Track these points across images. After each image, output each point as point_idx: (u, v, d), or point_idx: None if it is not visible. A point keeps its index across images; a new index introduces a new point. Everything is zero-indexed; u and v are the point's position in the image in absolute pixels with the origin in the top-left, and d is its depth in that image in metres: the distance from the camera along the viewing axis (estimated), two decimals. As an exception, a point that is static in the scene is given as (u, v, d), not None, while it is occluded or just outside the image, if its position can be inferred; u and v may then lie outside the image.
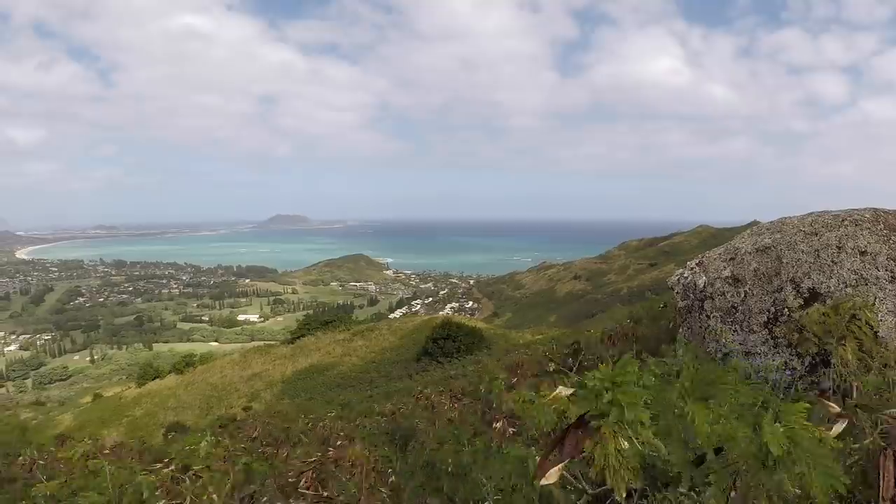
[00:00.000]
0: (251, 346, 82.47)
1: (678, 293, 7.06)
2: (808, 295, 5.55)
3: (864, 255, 5.44)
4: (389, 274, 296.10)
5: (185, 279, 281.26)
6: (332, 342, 50.81)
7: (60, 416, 53.98)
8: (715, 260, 6.66)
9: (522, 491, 2.25)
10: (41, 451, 8.61)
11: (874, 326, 4.39)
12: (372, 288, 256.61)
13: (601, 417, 1.76)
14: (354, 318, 67.85)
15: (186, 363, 56.49)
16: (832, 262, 5.53)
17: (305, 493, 4.37)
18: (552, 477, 1.83)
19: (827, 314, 4.64)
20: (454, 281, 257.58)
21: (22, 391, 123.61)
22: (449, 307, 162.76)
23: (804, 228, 5.95)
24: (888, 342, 5.01)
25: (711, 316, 6.41)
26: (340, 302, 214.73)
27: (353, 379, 38.40)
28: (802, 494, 1.69)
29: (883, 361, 4.34)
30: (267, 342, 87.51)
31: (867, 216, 5.81)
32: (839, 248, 5.56)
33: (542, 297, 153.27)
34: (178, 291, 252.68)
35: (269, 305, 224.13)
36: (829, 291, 5.42)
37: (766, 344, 5.76)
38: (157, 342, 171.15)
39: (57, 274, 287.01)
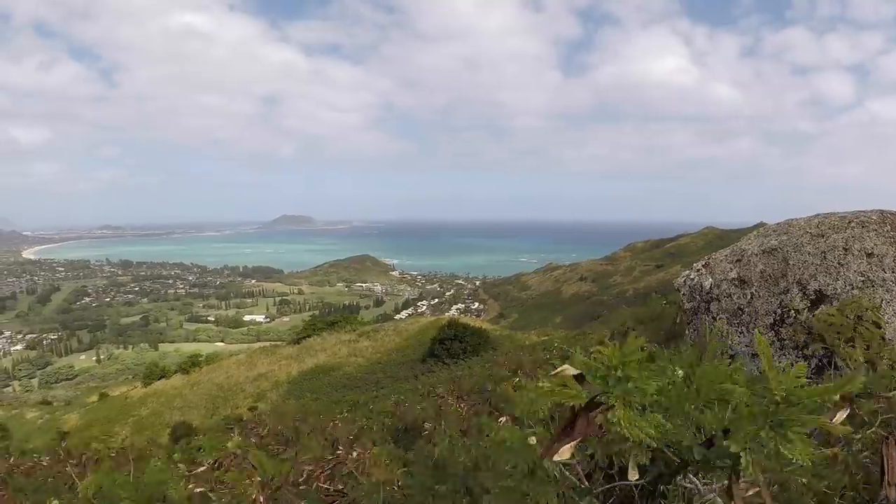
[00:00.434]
0: (257, 346, 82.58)
1: (684, 295, 7.07)
2: (814, 297, 5.55)
3: (870, 256, 5.45)
4: (395, 275, 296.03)
5: (191, 279, 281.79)
6: (337, 343, 50.84)
7: (66, 415, 54.15)
8: (721, 261, 6.67)
9: (536, 474, 2.26)
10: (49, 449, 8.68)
11: (882, 328, 4.41)
12: (378, 289, 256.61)
13: (611, 397, 1.78)
14: (360, 318, 67.79)
15: (192, 363, 56.57)
16: (839, 263, 5.54)
17: (322, 486, 4.41)
18: (565, 454, 1.85)
19: (834, 315, 4.66)
20: (460, 282, 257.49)
21: (28, 390, 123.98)
22: (455, 308, 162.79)
23: (810, 230, 5.96)
24: (895, 343, 5.01)
25: (718, 318, 6.42)
26: (346, 303, 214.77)
27: (358, 380, 38.42)
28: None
29: (890, 362, 4.35)
30: (273, 342, 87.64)
31: (874, 218, 5.81)
32: (846, 249, 5.57)
33: (547, 298, 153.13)
34: (184, 292, 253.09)
35: (275, 306, 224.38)
36: (835, 293, 5.43)
37: (772, 346, 5.76)
38: (163, 342, 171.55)
39: (63, 274, 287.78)
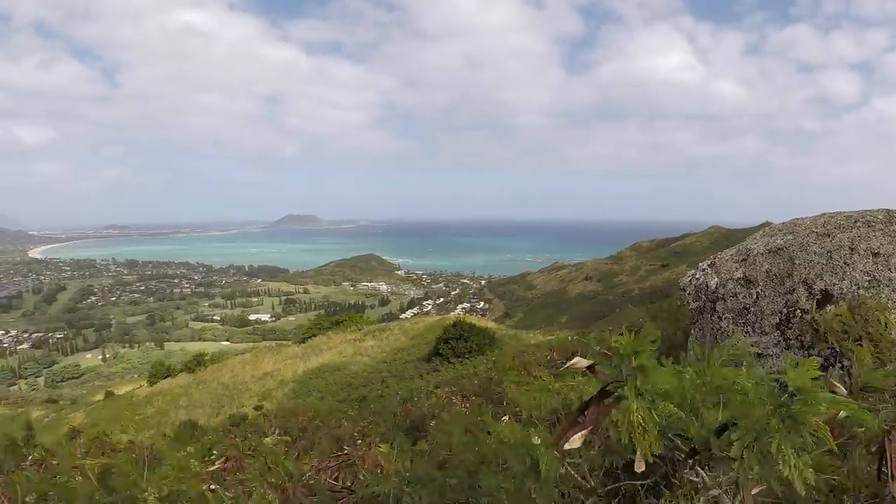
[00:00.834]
0: (263, 345, 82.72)
1: (690, 294, 7.06)
2: (820, 296, 5.55)
3: (876, 256, 5.44)
4: (401, 274, 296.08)
5: (196, 279, 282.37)
6: (343, 342, 50.85)
7: (72, 413, 54.32)
8: (727, 261, 6.66)
9: (540, 473, 2.26)
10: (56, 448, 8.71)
11: (889, 327, 4.40)
12: (383, 288, 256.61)
13: (624, 384, 1.80)
14: (366, 317, 67.82)
15: (198, 362, 56.63)
16: (844, 263, 5.53)
17: (330, 482, 4.43)
18: (576, 442, 1.87)
19: (842, 315, 4.65)
20: (465, 281, 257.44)
21: (34, 389, 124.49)
22: (460, 307, 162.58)
23: (816, 230, 5.95)
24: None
25: (723, 317, 6.41)
26: (352, 302, 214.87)
27: (364, 379, 38.40)
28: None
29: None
30: (278, 342, 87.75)
31: (880, 217, 5.80)
32: (852, 249, 5.56)
33: (553, 297, 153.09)
34: (189, 291, 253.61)
35: (280, 305, 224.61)
36: (841, 293, 5.42)
37: (778, 345, 5.76)
38: (168, 341, 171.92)
39: (69, 273, 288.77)
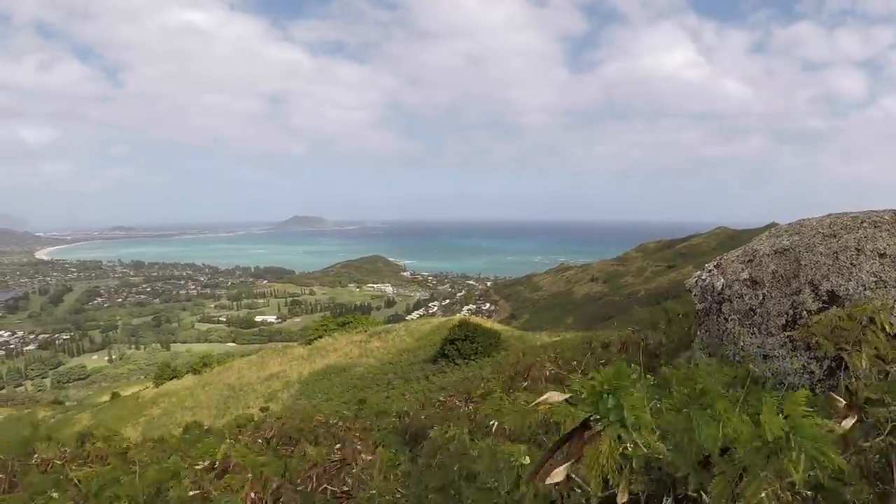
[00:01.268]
0: (268, 346, 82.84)
1: (696, 295, 7.03)
2: (826, 298, 5.51)
3: (883, 257, 5.40)
4: (407, 275, 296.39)
5: (202, 280, 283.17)
6: (349, 343, 50.93)
7: (78, 414, 54.49)
8: (733, 262, 6.63)
9: (531, 492, 2.24)
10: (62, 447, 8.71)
11: (889, 330, 4.35)
12: (389, 289, 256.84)
13: (602, 420, 1.75)
14: (372, 319, 67.88)
15: (204, 363, 56.79)
16: (851, 264, 5.49)
17: (329, 488, 4.41)
18: (558, 476, 1.82)
19: (841, 319, 4.61)
20: (471, 282, 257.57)
21: (41, 390, 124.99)
22: (466, 309, 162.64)
23: (823, 230, 5.91)
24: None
25: (729, 318, 6.38)
26: (358, 303, 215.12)
27: (369, 380, 38.46)
28: (807, 481, 1.70)
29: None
30: (284, 343, 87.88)
31: (886, 218, 5.76)
32: (858, 250, 5.52)
33: (559, 299, 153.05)
34: (195, 292, 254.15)
35: (286, 306, 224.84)
36: (847, 294, 5.38)
37: (784, 347, 5.72)
38: (174, 342, 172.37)
39: (76, 274, 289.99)
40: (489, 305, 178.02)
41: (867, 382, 3.46)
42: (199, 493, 4.14)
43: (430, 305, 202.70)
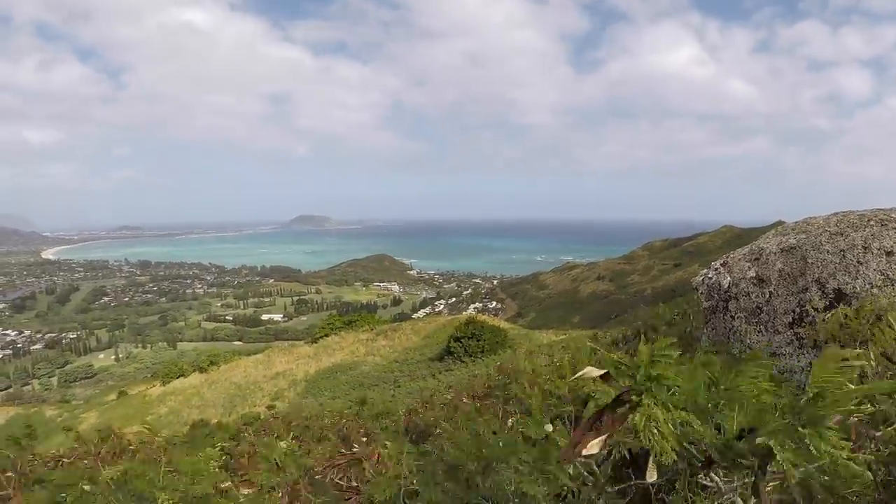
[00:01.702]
0: (275, 345, 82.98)
1: (702, 294, 7.05)
2: (833, 296, 5.53)
3: (890, 255, 5.41)
4: (413, 274, 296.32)
5: (209, 279, 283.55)
6: (355, 342, 50.97)
7: (85, 413, 54.66)
8: (739, 260, 6.64)
9: (550, 473, 2.27)
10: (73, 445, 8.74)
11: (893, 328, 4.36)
12: (395, 288, 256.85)
13: (640, 393, 1.79)
14: (378, 317, 67.92)
15: (210, 362, 56.87)
16: (858, 262, 5.51)
17: (337, 482, 4.45)
18: (594, 448, 1.86)
19: (849, 317, 4.62)
20: (478, 281, 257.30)
21: (48, 389, 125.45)
22: (472, 307, 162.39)
23: (829, 228, 5.92)
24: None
25: (736, 316, 6.40)
26: (364, 302, 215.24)
27: (376, 378, 38.46)
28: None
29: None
30: (291, 342, 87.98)
31: (893, 216, 5.77)
32: (865, 248, 5.53)
33: (565, 297, 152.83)
34: (202, 291, 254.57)
35: (292, 305, 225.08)
36: (854, 292, 5.40)
37: (791, 345, 5.74)
38: (181, 341, 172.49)
39: (82, 274, 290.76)
40: (495, 304, 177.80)
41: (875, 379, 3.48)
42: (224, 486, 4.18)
43: (436, 304, 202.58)
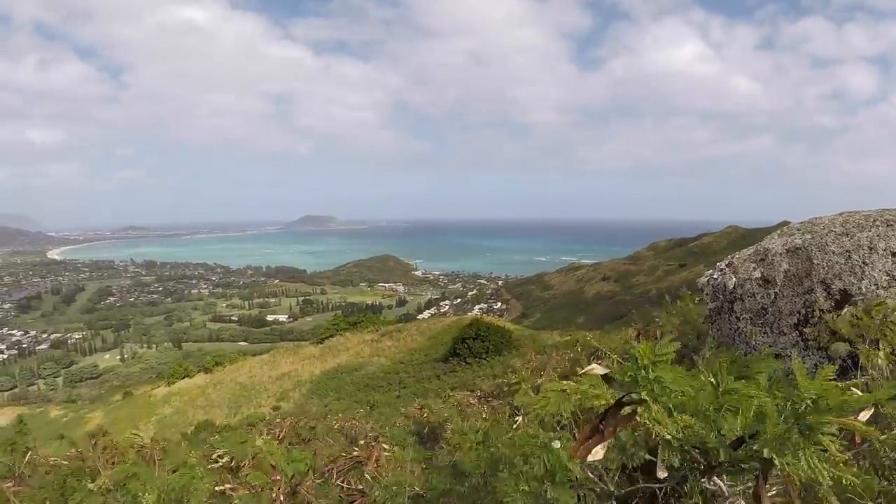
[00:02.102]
0: (280, 345, 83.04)
1: (708, 295, 7.02)
2: (839, 297, 5.50)
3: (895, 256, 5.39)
4: (418, 275, 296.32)
5: (214, 279, 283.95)
6: (360, 342, 51.01)
7: (91, 413, 54.80)
8: (745, 261, 6.62)
9: (557, 476, 2.26)
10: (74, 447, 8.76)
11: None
12: (400, 289, 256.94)
13: (641, 393, 1.79)
14: (383, 318, 67.98)
15: (215, 362, 56.99)
16: (863, 263, 5.48)
17: (342, 485, 4.44)
18: (598, 454, 1.87)
19: (859, 317, 4.61)
20: (482, 282, 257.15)
21: (53, 389, 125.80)
22: (477, 308, 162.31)
23: (835, 229, 5.90)
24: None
25: (741, 318, 6.37)
26: (369, 302, 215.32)
27: (381, 379, 38.48)
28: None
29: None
30: (296, 342, 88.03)
31: (900, 217, 5.75)
32: (871, 249, 5.51)
33: (570, 298, 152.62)
34: (207, 291, 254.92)
35: (298, 306, 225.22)
36: (860, 293, 5.37)
37: (796, 346, 5.72)
38: (186, 341, 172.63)
39: (88, 274, 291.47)
40: (500, 304, 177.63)
41: (883, 381, 3.47)
42: (220, 490, 4.18)
43: (441, 305, 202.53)
